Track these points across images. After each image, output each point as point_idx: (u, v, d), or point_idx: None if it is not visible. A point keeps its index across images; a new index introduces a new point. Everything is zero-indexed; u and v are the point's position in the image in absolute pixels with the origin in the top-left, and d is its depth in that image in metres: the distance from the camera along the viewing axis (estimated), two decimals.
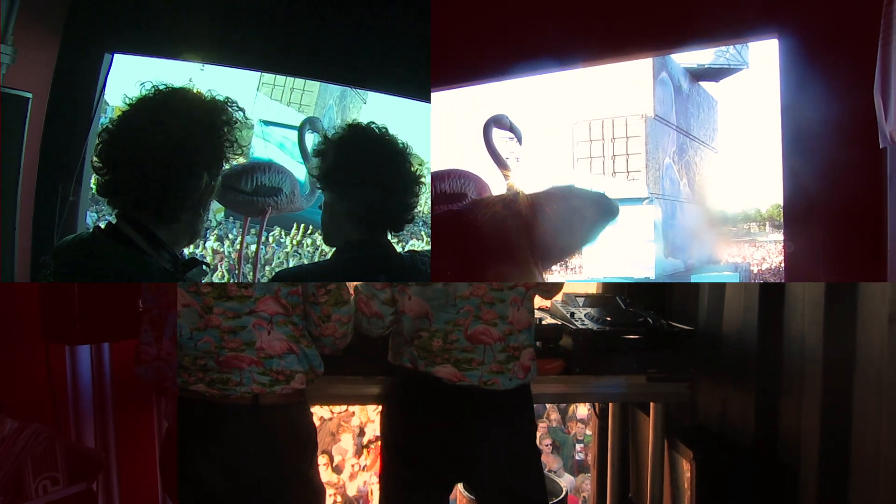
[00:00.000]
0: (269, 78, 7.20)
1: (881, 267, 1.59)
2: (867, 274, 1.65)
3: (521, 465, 1.67)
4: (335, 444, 4.31)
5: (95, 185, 1.19)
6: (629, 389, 2.04)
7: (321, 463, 3.04)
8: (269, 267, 4.43)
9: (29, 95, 1.97)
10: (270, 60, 2.23)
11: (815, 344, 1.86)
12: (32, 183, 2.13)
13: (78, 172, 2.15)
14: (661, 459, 2.18)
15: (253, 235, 3.22)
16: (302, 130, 2.65)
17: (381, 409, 1.81)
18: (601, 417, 2.64)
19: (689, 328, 2.12)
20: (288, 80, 7.24)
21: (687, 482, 2.05)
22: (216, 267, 4.13)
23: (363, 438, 4.31)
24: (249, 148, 6.75)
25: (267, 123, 6.98)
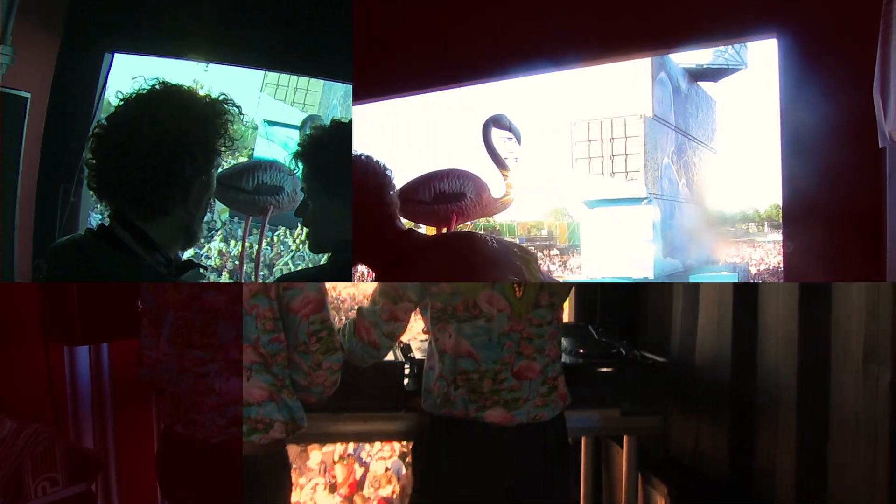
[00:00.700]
0: (272, 78, 7.18)
1: (880, 267, 1.59)
2: (867, 274, 1.65)
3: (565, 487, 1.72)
4: None
5: (86, 180, 1.18)
6: (602, 423, 2.02)
7: None
8: (276, 267, 4.41)
9: (28, 95, 1.97)
10: (272, 58, 2.22)
11: (789, 376, 1.87)
12: (33, 184, 2.13)
13: (79, 173, 2.14)
14: (635, 494, 2.16)
15: (257, 236, 3.20)
16: (303, 129, 2.65)
17: (413, 462, 1.75)
18: (574, 451, 2.61)
19: (661, 360, 2.12)
20: (292, 79, 7.22)
21: None
22: (223, 267, 4.12)
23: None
24: (252, 147, 6.75)
25: (271, 123, 6.95)
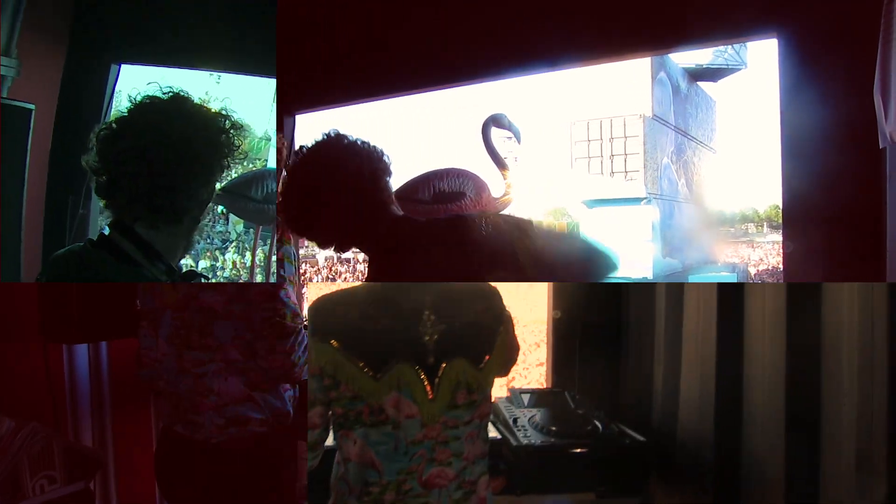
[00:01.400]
0: None
1: (880, 267, 1.59)
2: (866, 274, 1.65)
3: None
4: None
5: (94, 185, 1.13)
6: None
7: None
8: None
9: (32, 107, 1.97)
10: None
11: (775, 455, 1.73)
12: (41, 194, 2.13)
13: (87, 185, 2.14)
14: None
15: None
16: None
17: None
18: None
19: (641, 438, 1.97)
20: None
21: None
22: (238, 278, 4.10)
23: None
24: (266, 158, 6.72)
25: None
